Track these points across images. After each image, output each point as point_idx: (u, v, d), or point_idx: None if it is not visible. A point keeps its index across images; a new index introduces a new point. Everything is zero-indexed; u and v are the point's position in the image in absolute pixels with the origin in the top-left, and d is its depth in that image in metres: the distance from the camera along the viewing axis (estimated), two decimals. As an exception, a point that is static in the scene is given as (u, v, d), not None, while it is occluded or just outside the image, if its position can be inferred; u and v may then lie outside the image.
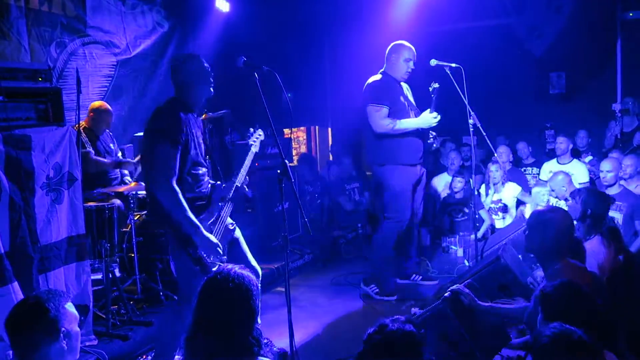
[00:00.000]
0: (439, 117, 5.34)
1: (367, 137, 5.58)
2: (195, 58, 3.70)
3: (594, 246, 4.11)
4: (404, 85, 5.61)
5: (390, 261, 5.65)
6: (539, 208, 3.57)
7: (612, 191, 5.51)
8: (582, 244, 3.98)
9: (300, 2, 8.91)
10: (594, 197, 4.49)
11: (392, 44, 5.54)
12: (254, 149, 4.09)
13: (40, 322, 2.34)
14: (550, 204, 6.72)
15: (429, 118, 5.32)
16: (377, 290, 5.53)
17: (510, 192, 6.94)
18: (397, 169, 5.42)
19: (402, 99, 5.46)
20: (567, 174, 6.21)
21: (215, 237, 3.57)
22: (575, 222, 4.76)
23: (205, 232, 3.47)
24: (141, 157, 3.62)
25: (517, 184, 7.13)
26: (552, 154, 8.03)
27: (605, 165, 5.59)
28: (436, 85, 5.31)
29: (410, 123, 5.34)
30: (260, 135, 4.17)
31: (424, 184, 5.79)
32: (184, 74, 3.64)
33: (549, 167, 7.20)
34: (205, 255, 3.48)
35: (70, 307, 2.47)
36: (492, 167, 6.96)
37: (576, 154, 7.48)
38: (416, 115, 5.47)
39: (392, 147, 5.39)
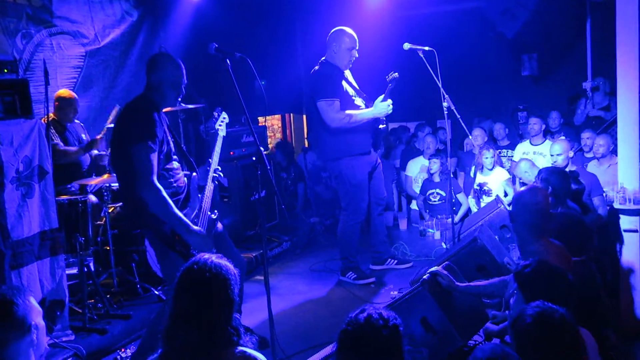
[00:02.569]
0: (391, 106, 5.33)
1: (318, 133, 5.49)
2: (174, 65, 3.61)
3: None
4: (347, 72, 5.53)
5: (357, 250, 5.67)
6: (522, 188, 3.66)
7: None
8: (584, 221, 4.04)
9: (271, -12, 8.83)
10: (553, 174, 4.57)
11: (332, 31, 5.43)
12: (222, 133, 4.07)
13: (11, 319, 2.30)
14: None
15: (383, 106, 5.28)
16: (355, 276, 5.55)
17: (497, 177, 6.97)
18: (353, 160, 5.38)
19: (348, 88, 5.38)
20: (528, 160, 6.27)
21: (202, 229, 3.55)
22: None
23: (194, 228, 3.44)
24: (117, 160, 3.55)
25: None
26: (525, 136, 8.10)
27: (555, 149, 5.63)
28: (395, 75, 5.26)
29: (365, 114, 5.28)
30: (225, 118, 4.12)
31: (381, 169, 5.79)
32: (156, 76, 3.57)
33: (523, 149, 7.26)
34: (193, 250, 3.45)
35: (33, 301, 2.44)
36: (487, 153, 6.94)
37: (549, 134, 7.55)
38: (364, 101, 5.44)
39: (345, 139, 5.32)
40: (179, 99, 3.69)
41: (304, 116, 11.07)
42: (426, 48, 5.32)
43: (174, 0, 7.89)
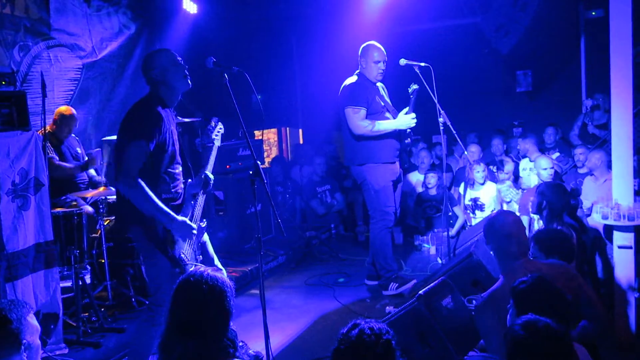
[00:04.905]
0: (415, 119, 5.38)
1: (345, 137, 5.58)
2: (166, 51, 3.64)
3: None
4: (380, 86, 5.62)
5: (393, 258, 5.63)
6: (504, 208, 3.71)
7: None
8: (570, 240, 4.05)
9: (268, 2, 8.89)
10: (550, 189, 4.59)
11: (362, 46, 5.54)
12: (217, 143, 4.03)
13: (2, 334, 2.28)
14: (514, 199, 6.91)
15: (407, 119, 5.35)
16: (397, 285, 5.48)
17: (488, 191, 7.01)
18: (375, 167, 5.44)
19: (378, 100, 5.47)
20: (550, 159, 6.35)
21: (185, 218, 3.53)
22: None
23: (179, 217, 3.44)
24: (114, 155, 3.57)
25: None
26: (513, 151, 8.21)
27: (542, 164, 5.73)
28: (415, 86, 5.35)
29: (388, 124, 5.36)
30: (221, 128, 4.07)
31: (401, 185, 5.82)
32: (156, 69, 3.56)
33: (524, 165, 7.45)
34: (184, 254, 3.44)
35: (32, 318, 2.41)
36: (478, 167, 6.99)
37: (542, 151, 7.64)
38: (393, 116, 5.49)
39: (369, 147, 5.41)
40: (188, 78, 3.63)
41: (300, 130, 11.10)
42: (422, 64, 5.38)
43: (172, 14, 7.94)
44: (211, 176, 3.85)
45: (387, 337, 2.16)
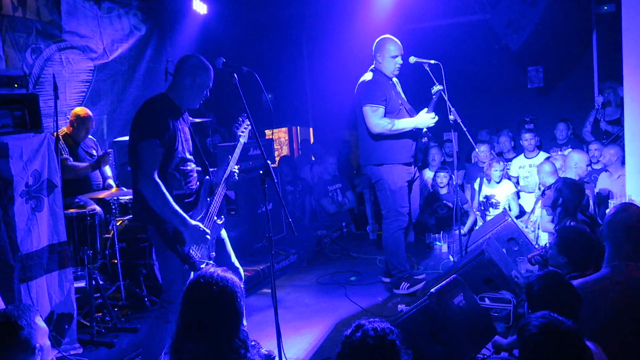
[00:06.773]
0: (436, 118, 5.34)
1: (362, 136, 5.52)
2: (205, 72, 3.64)
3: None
4: (395, 81, 5.57)
5: (406, 258, 5.60)
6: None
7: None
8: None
9: (277, 2, 8.90)
10: (568, 187, 4.55)
11: (376, 41, 5.47)
12: (243, 139, 4.00)
13: (15, 341, 2.30)
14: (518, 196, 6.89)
15: (426, 118, 5.30)
16: (409, 284, 5.46)
17: (504, 189, 6.97)
18: (393, 168, 5.38)
19: (395, 96, 5.41)
20: (552, 164, 6.26)
21: (199, 224, 3.55)
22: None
23: (192, 222, 3.47)
24: (128, 155, 3.61)
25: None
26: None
27: (575, 158, 5.66)
28: (439, 87, 5.27)
29: (408, 123, 5.30)
30: (248, 125, 4.05)
31: (417, 183, 5.78)
32: (186, 81, 3.60)
33: (518, 163, 7.44)
34: (193, 251, 3.46)
35: (39, 321, 2.43)
36: (497, 166, 6.97)
37: (539, 147, 7.65)
38: (408, 112, 5.46)
39: (388, 147, 5.35)
40: (201, 102, 3.71)
41: (311, 129, 11.12)
42: (432, 61, 5.35)
43: (182, 15, 7.97)
44: (236, 169, 3.88)
45: (391, 337, 2.14)
